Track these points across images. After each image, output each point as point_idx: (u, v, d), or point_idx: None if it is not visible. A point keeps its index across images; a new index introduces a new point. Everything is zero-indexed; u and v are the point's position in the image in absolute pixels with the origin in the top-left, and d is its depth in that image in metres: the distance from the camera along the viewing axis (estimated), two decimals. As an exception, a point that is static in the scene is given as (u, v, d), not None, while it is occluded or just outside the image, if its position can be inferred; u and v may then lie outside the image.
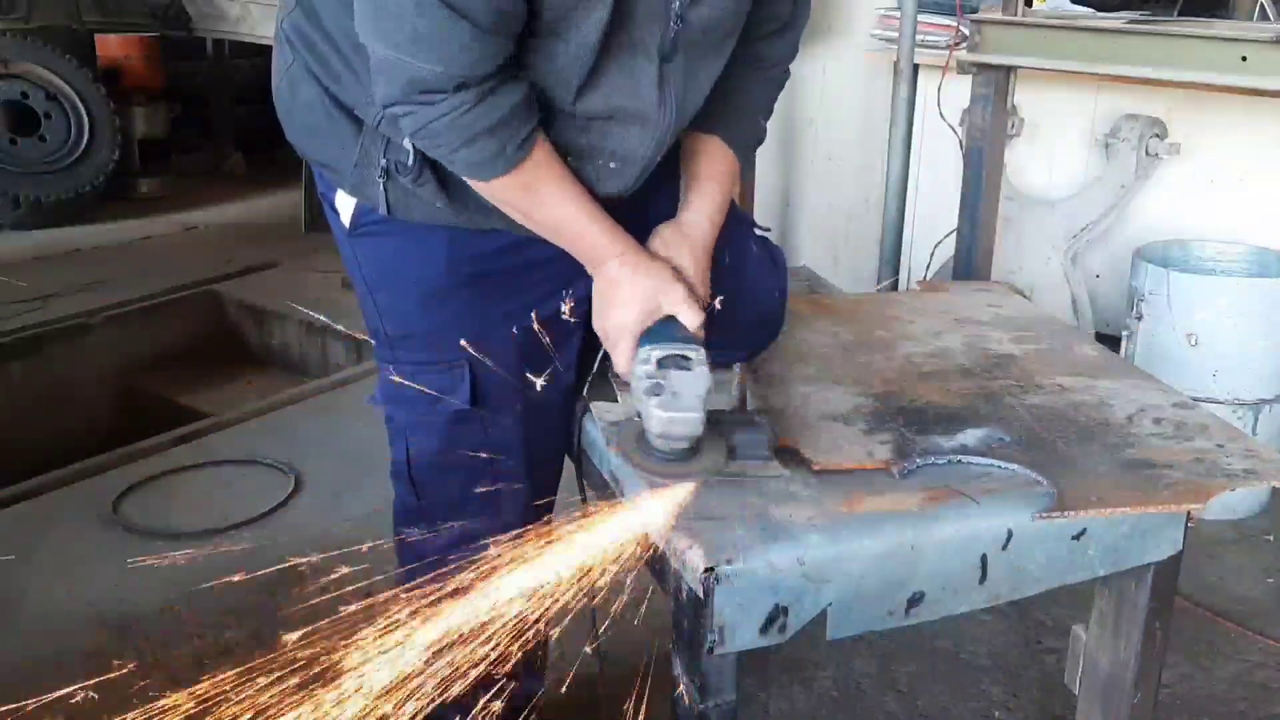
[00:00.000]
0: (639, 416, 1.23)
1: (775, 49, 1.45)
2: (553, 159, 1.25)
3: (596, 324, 1.35)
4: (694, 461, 1.21)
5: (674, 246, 1.36)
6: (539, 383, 1.38)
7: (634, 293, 1.29)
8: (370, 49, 1.15)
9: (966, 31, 2.74)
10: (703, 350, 1.23)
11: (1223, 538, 2.52)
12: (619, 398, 1.43)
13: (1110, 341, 2.45)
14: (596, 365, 1.42)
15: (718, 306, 1.37)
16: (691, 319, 1.29)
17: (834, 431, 1.36)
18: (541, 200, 1.27)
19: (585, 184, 1.30)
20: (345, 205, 1.37)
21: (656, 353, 1.22)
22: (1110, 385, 1.52)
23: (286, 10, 1.34)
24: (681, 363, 1.21)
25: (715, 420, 1.26)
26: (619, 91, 1.23)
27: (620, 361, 1.31)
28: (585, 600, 1.24)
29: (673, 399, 1.18)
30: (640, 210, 1.38)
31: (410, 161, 1.24)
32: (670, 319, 1.29)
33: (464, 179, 1.26)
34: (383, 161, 1.28)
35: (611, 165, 1.30)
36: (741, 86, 1.43)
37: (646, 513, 1.17)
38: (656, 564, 1.24)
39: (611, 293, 1.31)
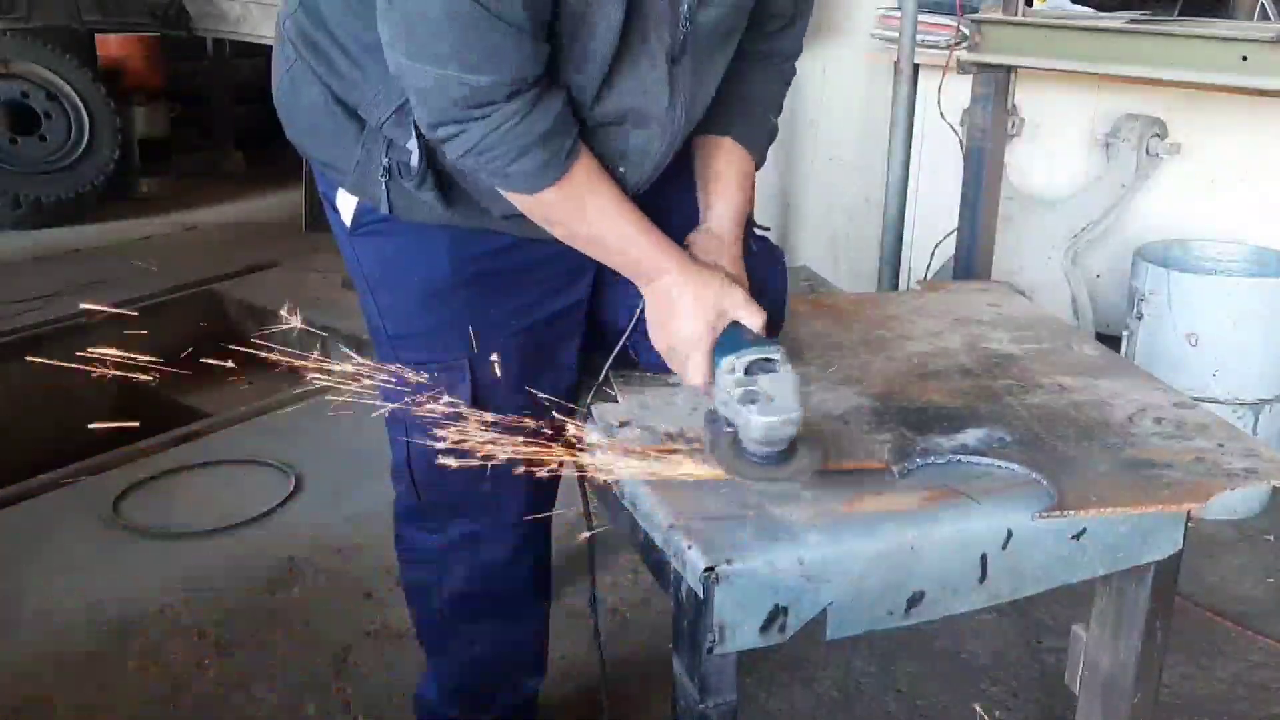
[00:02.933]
0: (730, 427, 1.21)
1: (780, 44, 1.45)
2: (597, 166, 1.25)
3: (658, 340, 1.33)
4: (794, 461, 1.21)
5: (712, 253, 1.35)
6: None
7: (698, 305, 1.28)
8: (409, 72, 1.13)
9: (966, 31, 2.74)
10: (782, 348, 1.23)
11: (1223, 538, 2.52)
12: (619, 398, 1.43)
13: (1110, 341, 2.45)
14: (605, 369, 1.42)
15: None
16: (754, 320, 1.29)
17: (834, 431, 1.36)
18: (589, 211, 1.26)
19: None
20: (346, 204, 1.38)
21: (742, 360, 1.21)
22: (1110, 385, 1.52)
23: (288, 10, 1.34)
24: (766, 366, 1.21)
25: (715, 417, 1.26)
26: (631, 95, 1.23)
27: (696, 374, 1.29)
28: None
29: (770, 403, 1.17)
30: (648, 214, 1.38)
31: (413, 163, 1.24)
32: (734, 324, 1.28)
33: (507, 194, 1.24)
34: (385, 161, 1.28)
35: (622, 169, 1.29)
36: (749, 85, 1.43)
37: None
38: (656, 564, 1.24)
39: (671, 307, 1.30)
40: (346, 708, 1.94)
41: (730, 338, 1.27)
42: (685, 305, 1.29)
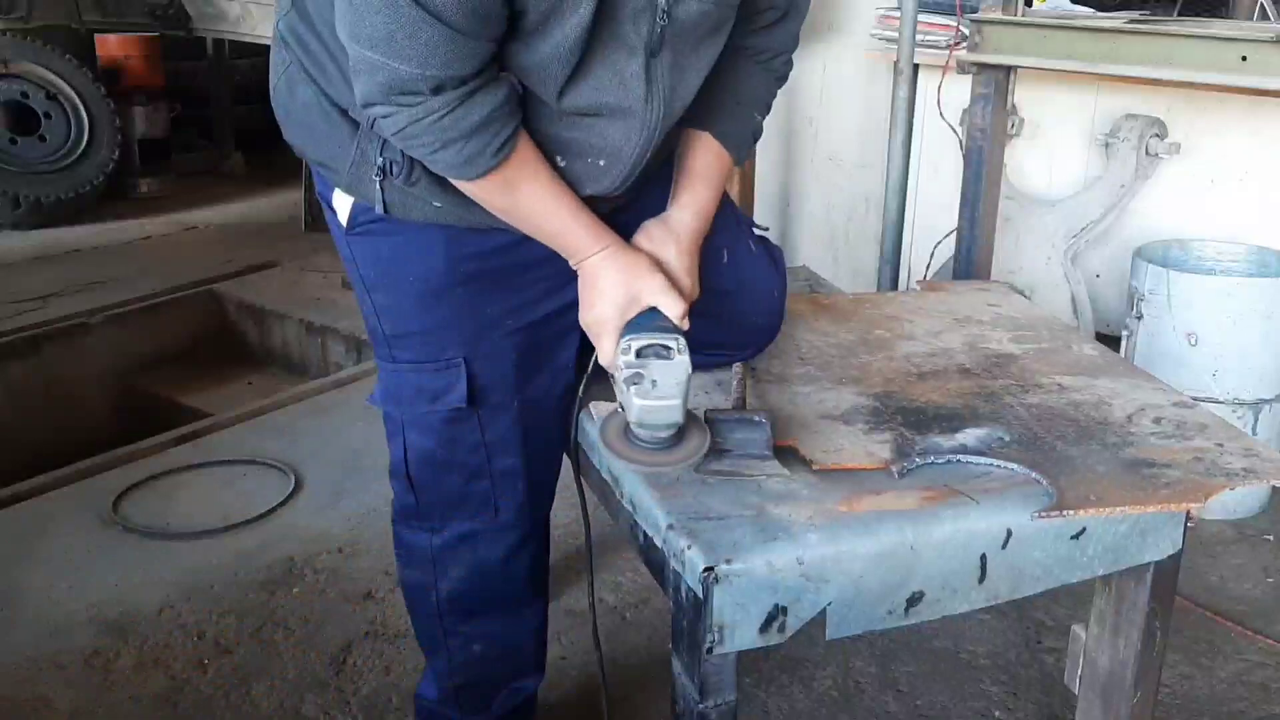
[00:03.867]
0: (622, 408, 1.23)
1: (773, 40, 1.43)
2: (534, 158, 1.26)
3: (581, 319, 1.35)
4: (677, 450, 1.22)
5: (659, 241, 1.36)
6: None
7: (612, 285, 1.30)
8: (349, 49, 1.15)
9: (966, 31, 2.74)
10: (682, 339, 1.24)
11: (1223, 538, 2.52)
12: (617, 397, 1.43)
13: (1110, 341, 2.45)
14: (592, 364, 1.42)
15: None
16: (672, 308, 1.29)
17: (834, 431, 1.36)
18: (521, 198, 1.27)
19: (574, 182, 1.30)
20: (343, 204, 1.38)
21: (636, 342, 1.23)
22: (1110, 385, 1.52)
23: (282, 12, 1.35)
24: (661, 351, 1.22)
25: (712, 418, 1.27)
26: (605, 88, 1.23)
27: (604, 354, 1.32)
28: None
29: (651, 387, 1.19)
30: (637, 210, 1.38)
31: (403, 160, 1.25)
32: (653, 310, 1.30)
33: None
34: (379, 160, 1.28)
35: (601, 163, 1.29)
36: (737, 81, 1.42)
37: None
38: (656, 564, 1.24)
39: (592, 287, 1.32)
40: (346, 707, 1.94)
41: (638, 322, 1.28)
42: (602, 286, 1.30)
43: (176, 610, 2.21)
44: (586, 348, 1.50)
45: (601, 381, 1.45)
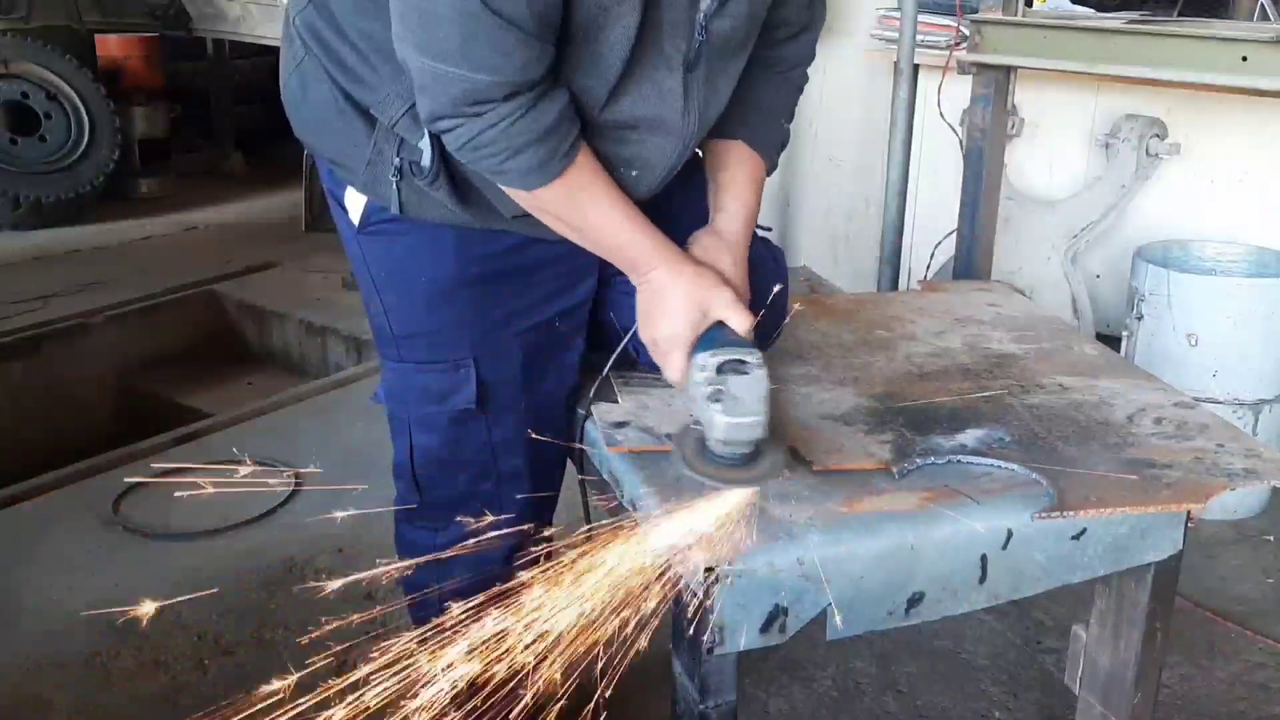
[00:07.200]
0: (698, 424, 1.22)
1: (792, 52, 1.46)
2: (596, 165, 1.26)
3: (644, 333, 1.34)
4: (756, 466, 1.21)
5: (713, 252, 1.36)
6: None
7: (683, 301, 1.29)
8: (412, 64, 1.14)
9: (966, 31, 2.74)
10: (759, 353, 1.23)
11: (1223, 538, 2.52)
12: (619, 398, 1.43)
13: (1110, 341, 2.45)
14: (607, 368, 1.42)
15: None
16: (740, 323, 1.29)
17: (834, 431, 1.36)
18: (586, 209, 1.27)
19: None
20: (355, 203, 1.37)
21: (714, 359, 1.22)
22: (1110, 385, 1.52)
23: (298, 7, 1.34)
24: (739, 367, 1.21)
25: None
26: (645, 101, 1.24)
27: (674, 370, 1.30)
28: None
29: (735, 404, 1.18)
30: (657, 215, 1.38)
31: (425, 162, 1.24)
32: (719, 324, 1.29)
33: (504, 189, 1.25)
34: (396, 161, 1.27)
35: (634, 173, 1.30)
36: (762, 91, 1.44)
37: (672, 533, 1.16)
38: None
39: (659, 302, 1.31)
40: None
41: (710, 337, 1.27)
42: (671, 302, 1.29)
43: (176, 610, 2.21)
44: (592, 349, 1.50)
45: (605, 384, 1.45)
